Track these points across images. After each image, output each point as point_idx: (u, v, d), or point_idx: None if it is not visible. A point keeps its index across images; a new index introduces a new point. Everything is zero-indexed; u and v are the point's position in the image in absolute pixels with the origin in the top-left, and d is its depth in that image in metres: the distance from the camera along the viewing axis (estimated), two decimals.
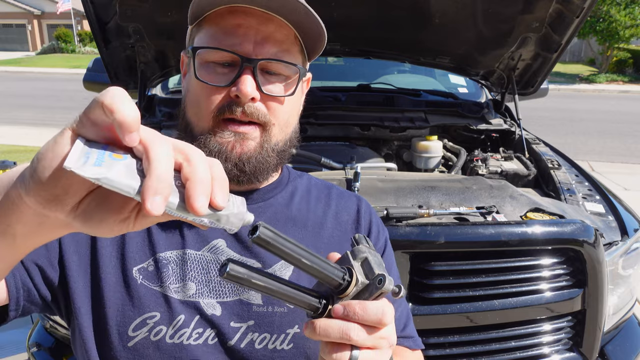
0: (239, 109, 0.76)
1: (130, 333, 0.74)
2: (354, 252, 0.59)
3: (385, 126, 2.55)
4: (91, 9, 2.03)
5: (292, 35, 0.79)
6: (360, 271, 0.57)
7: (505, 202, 1.79)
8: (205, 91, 0.77)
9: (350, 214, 0.93)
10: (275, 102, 0.79)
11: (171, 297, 0.76)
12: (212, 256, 0.80)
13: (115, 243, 0.79)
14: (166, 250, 0.79)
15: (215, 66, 0.77)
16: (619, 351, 1.76)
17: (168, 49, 2.37)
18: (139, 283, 0.76)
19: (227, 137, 0.77)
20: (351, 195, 0.97)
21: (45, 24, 35.27)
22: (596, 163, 7.20)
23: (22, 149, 7.41)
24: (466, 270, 1.54)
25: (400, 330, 0.89)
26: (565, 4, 2.11)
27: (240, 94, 0.75)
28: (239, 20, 0.76)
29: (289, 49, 0.79)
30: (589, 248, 1.53)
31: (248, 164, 0.78)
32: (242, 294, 0.79)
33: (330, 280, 0.56)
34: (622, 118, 11.26)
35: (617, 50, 19.73)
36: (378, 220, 0.96)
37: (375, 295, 0.55)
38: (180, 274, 0.78)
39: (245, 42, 0.76)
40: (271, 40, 0.77)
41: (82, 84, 3.24)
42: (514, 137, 2.58)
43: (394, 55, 2.72)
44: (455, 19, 2.31)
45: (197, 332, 0.76)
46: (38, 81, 17.30)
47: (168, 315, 0.75)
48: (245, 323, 0.78)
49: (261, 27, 0.76)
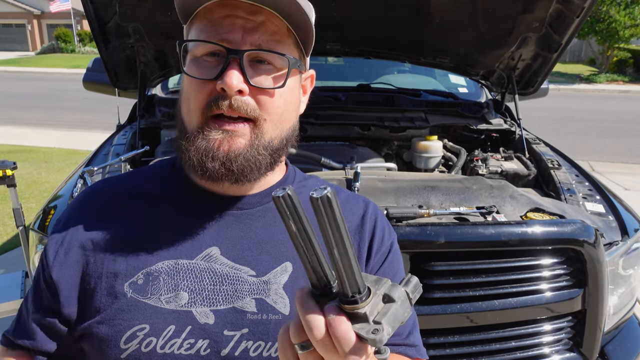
0: (225, 102, 0.73)
1: (122, 346, 0.75)
2: (389, 286, 0.53)
3: (385, 126, 2.54)
4: (91, 8, 2.03)
5: (284, 28, 0.77)
6: (376, 304, 0.52)
7: (505, 202, 1.79)
8: (194, 87, 0.76)
9: (354, 220, 0.89)
10: (265, 95, 0.76)
11: (162, 308, 0.76)
12: (205, 264, 0.79)
13: (105, 262, 0.79)
14: (157, 262, 0.78)
15: (203, 60, 0.76)
16: (619, 351, 1.76)
17: (168, 49, 2.37)
18: (129, 297, 0.76)
19: (214, 135, 0.75)
20: (358, 200, 0.92)
21: (45, 24, 35.26)
22: (596, 163, 7.19)
23: (22, 149, 7.40)
24: (466, 270, 1.54)
25: (404, 337, 0.87)
26: (565, 4, 2.11)
27: (225, 87, 0.72)
28: (227, 11, 0.74)
29: (282, 40, 0.76)
30: (589, 248, 1.53)
31: (235, 162, 0.75)
32: (236, 301, 0.78)
33: (350, 283, 0.50)
34: (622, 118, 11.26)
35: (617, 50, 19.72)
36: (384, 225, 0.91)
37: (361, 334, 0.50)
38: (172, 284, 0.77)
39: (233, 30, 0.73)
40: (262, 29, 0.74)
41: (81, 84, 3.23)
42: (514, 137, 2.58)
43: (394, 55, 2.72)
44: (455, 19, 2.31)
45: (189, 342, 0.75)
46: (38, 81, 17.29)
47: (157, 326, 0.75)
48: (239, 331, 0.77)
49: (250, 16, 0.74)
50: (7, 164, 2.36)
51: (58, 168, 6.35)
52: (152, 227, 0.81)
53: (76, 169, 2.39)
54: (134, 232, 0.81)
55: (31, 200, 5.04)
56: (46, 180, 5.79)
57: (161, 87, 3.02)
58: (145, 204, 0.84)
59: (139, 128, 2.40)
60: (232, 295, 0.78)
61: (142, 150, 2.21)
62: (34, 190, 5.42)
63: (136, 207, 0.83)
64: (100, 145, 2.50)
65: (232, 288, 0.78)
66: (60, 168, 6.34)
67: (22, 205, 2.66)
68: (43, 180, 5.81)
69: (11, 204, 2.50)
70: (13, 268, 3.57)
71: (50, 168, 6.36)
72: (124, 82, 2.54)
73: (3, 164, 2.35)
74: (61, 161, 6.74)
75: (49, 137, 8.28)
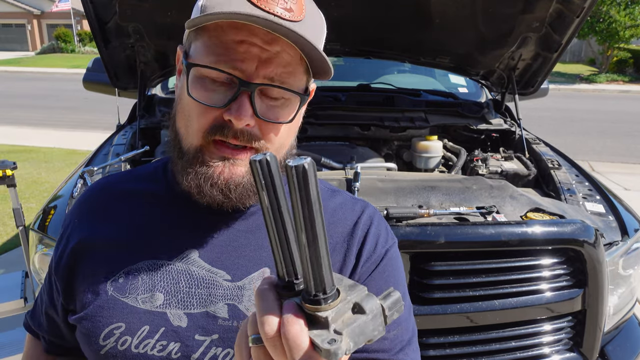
0: (230, 132, 0.71)
1: (101, 342, 0.77)
2: (363, 296, 0.46)
3: (385, 126, 2.55)
4: (91, 8, 2.03)
5: (297, 57, 0.72)
6: (343, 312, 0.45)
7: (505, 202, 1.79)
8: (197, 109, 0.73)
9: (346, 226, 0.84)
10: (271, 127, 0.74)
11: (138, 308, 0.77)
12: (183, 266, 0.78)
13: (93, 260, 0.81)
14: (138, 261, 0.79)
15: (210, 82, 0.72)
16: (619, 351, 1.76)
17: (168, 49, 2.37)
18: (109, 295, 0.78)
19: (215, 160, 0.73)
20: (355, 205, 0.88)
21: (44, 24, 35.26)
22: (596, 163, 7.20)
23: (22, 149, 7.40)
24: (466, 270, 1.54)
25: (394, 353, 0.80)
26: (565, 4, 2.11)
27: (233, 120, 0.70)
28: (242, 36, 0.69)
29: (294, 70, 0.73)
30: (589, 248, 1.53)
31: (235, 191, 0.74)
32: (209, 306, 0.77)
33: (315, 279, 0.44)
34: (622, 118, 11.26)
35: (617, 50, 19.73)
36: (379, 232, 0.85)
37: (315, 342, 0.44)
38: (149, 284, 0.77)
39: (247, 59, 0.69)
40: (276, 61, 0.70)
41: (81, 83, 3.23)
42: (514, 137, 2.58)
43: (394, 55, 2.72)
44: (456, 19, 2.31)
45: (161, 344, 0.75)
46: (38, 81, 17.29)
47: (132, 326, 0.76)
48: (210, 337, 0.76)
49: (267, 46, 0.70)
50: (7, 164, 2.36)
51: (58, 168, 6.36)
52: (136, 227, 0.82)
53: (76, 169, 2.39)
54: (120, 232, 0.82)
55: (31, 200, 5.04)
56: (46, 180, 5.79)
57: (161, 87, 3.02)
58: (133, 204, 0.85)
59: (139, 128, 2.40)
60: (206, 299, 0.77)
61: (142, 150, 2.22)
62: (34, 190, 5.42)
63: (125, 207, 0.85)
64: (100, 145, 2.50)
65: (206, 292, 0.77)
66: (60, 168, 6.34)
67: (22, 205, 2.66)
68: (43, 180, 5.81)
69: (11, 204, 2.50)
70: (13, 268, 3.57)
71: (50, 168, 6.37)
72: (124, 82, 2.54)
73: (3, 164, 2.35)
74: (61, 161, 6.74)
75: (49, 137, 8.28)
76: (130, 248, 0.80)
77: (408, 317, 0.85)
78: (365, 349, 0.78)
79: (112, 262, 0.80)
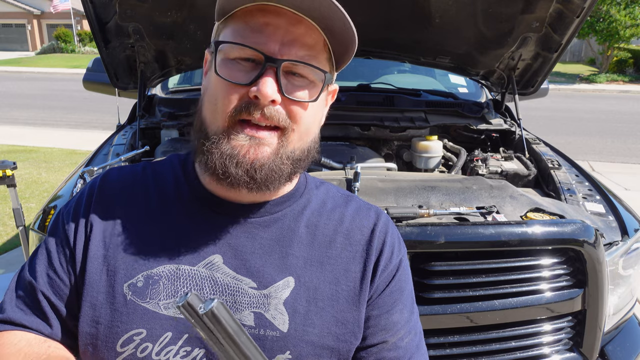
0: (257, 112, 0.72)
1: (119, 349, 0.74)
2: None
3: (385, 126, 2.54)
4: (91, 8, 2.03)
5: (321, 42, 0.76)
6: None
7: (505, 202, 1.79)
8: (223, 88, 0.73)
9: (364, 233, 0.85)
10: (297, 107, 0.75)
11: (160, 314, 0.75)
12: (207, 272, 0.77)
13: (106, 259, 0.78)
14: (159, 265, 0.77)
15: (237, 63, 0.74)
16: (619, 351, 1.76)
17: (168, 49, 2.37)
18: (128, 299, 0.75)
19: (241, 140, 0.73)
20: (370, 211, 0.89)
21: (44, 24, 35.26)
22: (596, 163, 7.20)
23: (22, 149, 7.41)
24: (466, 270, 1.54)
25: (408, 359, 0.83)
26: (565, 4, 2.11)
27: (259, 95, 0.71)
28: (268, 19, 0.72)
29: (317, 55, 0.75)
30: (589, 248, 1.53)
31: (260, 171, 0.73)
32: (235, 313, 0.76)
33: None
34: (622, 118, 11.26)
35: (617, 50, 19.73)
36: (394, 240, 0.88)
37: None
38: (172, 290, 0.76)
39: (271, 41, 0.72)
40: (299, 43, 0.73)
41: (81, 84, 3.24)
42: (514, 137, 2.58)
43: (394, 55, 2.72)
44: (455, 19, 2.31)
45: (185, 350, 0.74)
46: (37, 81, 17.29)
47: (154, 332, 0.74)
48: None
49: (290, 27, 0.72)
50: (7, 164, 2.36)
51: (58, 168, 6.36)
52: (156, 228, 0.80)
53: (76, 169, 2.39)
54: (137, 230, 0.79)
55: (31, 200, 5.04)
56: (46, 180, 5.79)
57: (161, 87, 3.02)
58: (151, 202, 0.82)
59: (139, 128, 2.40)
60: (232, 306, 0.76)
61: (142, 150, 2.21)
62: (34, 190, 5.42)
63: (142, 204, 0.82)
64: (100, 145, 2.50)
65: (232, 299, 0.77)
66: (60, 168, 6.34)
67: (22, 205, 2.66)
68: (43, 180, 5.81)
69: (11, 204, 2.50)
70: (13, 268, 3.58)
71: (50, 168, 6.36)
72: (124, 82, 2.54)
73: (3, 164, 2.35)
74: (61, 161, 6.74)
75: (49, 137, 8.28)
76: (147, 250, 0.78)
77: (417, 322, 0.88)
78: (382, 357, 0.82)
79: (127, 262, 0.77)
